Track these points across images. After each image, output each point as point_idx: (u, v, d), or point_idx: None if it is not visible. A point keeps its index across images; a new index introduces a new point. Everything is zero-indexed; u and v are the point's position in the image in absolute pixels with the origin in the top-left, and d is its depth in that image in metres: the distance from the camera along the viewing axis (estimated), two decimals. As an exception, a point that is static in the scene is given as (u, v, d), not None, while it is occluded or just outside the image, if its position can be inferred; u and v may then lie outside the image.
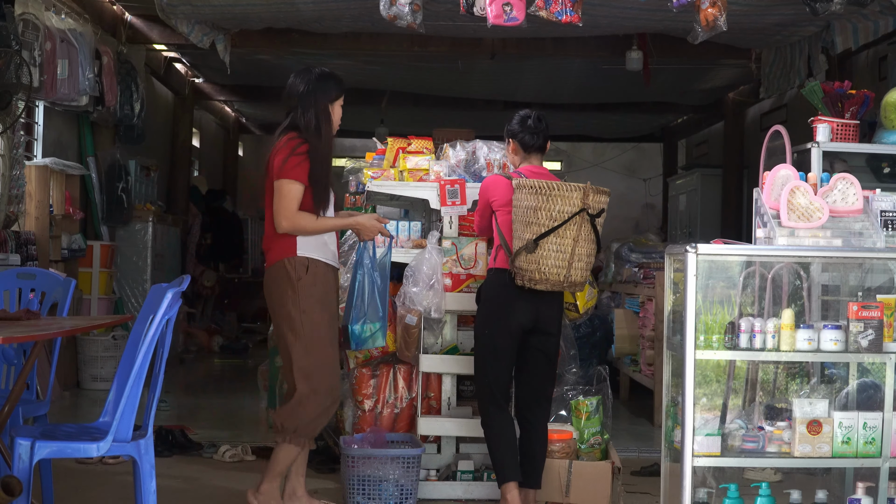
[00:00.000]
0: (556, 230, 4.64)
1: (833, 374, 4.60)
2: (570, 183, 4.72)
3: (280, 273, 4.73)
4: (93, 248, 9.02)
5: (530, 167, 5.04)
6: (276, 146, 4.72)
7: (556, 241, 4.66)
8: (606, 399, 5.64)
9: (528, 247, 4.66)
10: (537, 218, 4.65)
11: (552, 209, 4.63)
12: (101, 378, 8.70)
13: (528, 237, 4.67)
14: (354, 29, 8.79)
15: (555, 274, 4.69)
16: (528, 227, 4.68)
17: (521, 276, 4.73)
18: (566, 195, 4.63)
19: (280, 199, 4.65)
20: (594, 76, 11.16)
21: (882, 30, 7.50)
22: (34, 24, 7.18)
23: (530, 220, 4.67)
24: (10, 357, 4.63)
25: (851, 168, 5.37)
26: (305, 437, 4.75)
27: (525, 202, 4.69)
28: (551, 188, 4.63)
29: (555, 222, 4.64)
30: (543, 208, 4.64)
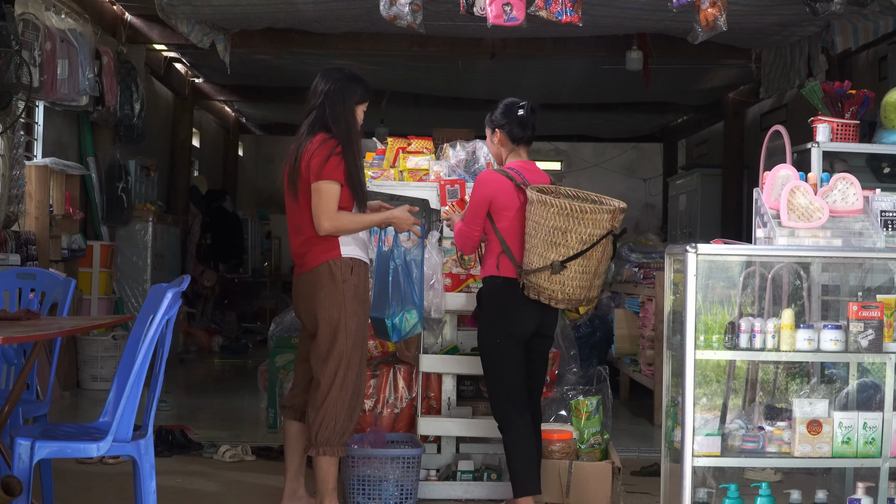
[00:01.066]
0: (583, 254, 4.51)
1: (833, 374, 4.60)
2: (600, 205, 4.57)
3: (324, 275, 4.63)
4: (93, 248, 9.02)
5: (522, 164, 4.84)
6: (309, 148, 4.62)
7: (582, 262, 4.53)
8: (606, 399, 5.64)
9: (554, 268, 4.51)
10: (566, 240, 4.49)
11: (582, 232, 4.48)
12: (101, 378, 8.70)
13: (553, 258, 4.50)
14: (354, 29, 8.79)
15: (577, 294, 4.59)
16: (553, 248, 4.51)
17: (540, 292, 4.59)
18: (597, 218, 4.48)
19: (321, 201, 4.58)
20: (594, 76, 11.16)
21: (882, 30, 7.50)
22: (34, 24, 7.18)
23: (557, 241, 4.49)
24: (10, 357, 4.63)
25: (851, 168, 5.37)
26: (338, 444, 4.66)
27: (552, 222, 4.50)
28: (583, 211, 4.47)
29: (584, 245, 4.50)
30: (573, 231, 4.48)
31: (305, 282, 4.69)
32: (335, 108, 4.67)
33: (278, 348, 7.36)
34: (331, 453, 4.65)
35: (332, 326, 4.62)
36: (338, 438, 4.65)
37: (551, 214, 4.49)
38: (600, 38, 9.11)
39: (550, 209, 4.50)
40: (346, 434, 4.68)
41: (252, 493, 5.48)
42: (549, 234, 4.51)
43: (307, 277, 4.67)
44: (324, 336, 4.63)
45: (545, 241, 4.52)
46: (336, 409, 4.63)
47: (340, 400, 4.64)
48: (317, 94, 4.72)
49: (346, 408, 4.65)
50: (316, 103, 4.71)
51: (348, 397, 4.64)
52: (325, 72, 4.80)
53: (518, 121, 4.84)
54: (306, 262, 4.68)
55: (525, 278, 4.62)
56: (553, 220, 4.49)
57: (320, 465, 4.65)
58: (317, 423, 4.64)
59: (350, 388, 4.64)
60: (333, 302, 4.62)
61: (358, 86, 4.77)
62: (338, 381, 4.63)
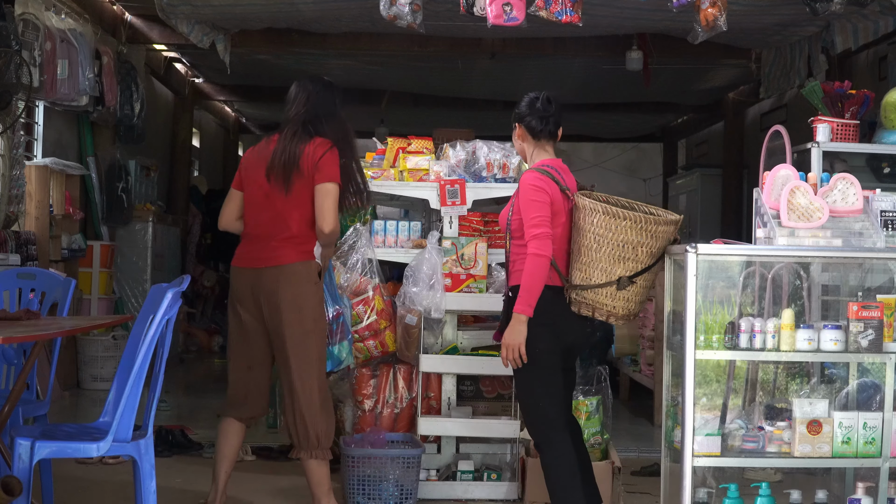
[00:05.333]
0: (650, 268, 4.27)
1: (833, 374, 4.60)
2: (666, 216, 4.28)
3: (301, 273, 4.69)
4: (93, 248, 9.02)
5: (555, 162, 4.51)
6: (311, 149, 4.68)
7: (648, 277, 4.29)
8: (606, 399, 5.64)
9: (621, 284, 4.22)
10: (636, 255, 4.21)
11: (654, 246, 4.22)
12: (101, 378, 8.70)
13: (620, 273, 4.21)
14: (354, 29, 8.79)
15: (637, 308, 4.32)
16: (621, 263, 4.21)
17: (595, 309, 4.27)
18: (667, 230, 4.23)
19: (332, 202, 4.65)
20: (594, 76, 11.16)
21: (882, 30, 7.50)
22: (34, 24, 7.18)
23: (627, 255, 4.21)
24: (10, 357, 4.63)
25: (851, 168, 5.38)
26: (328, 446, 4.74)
27: (622, 236, 4.20)
28: (657, 223, 4.20)
29: (653, 259, 4.25)
30: (646, 245, 4.21)
31: (271, 276, 4.66)
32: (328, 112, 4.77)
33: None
34: (323, 456, 4.70)
35: (309, 329, 4.68)
36: (327, 440, 4.71)
37: (623, 228, 4.19)
38: (600, 38, 9.10)
39: (623, 222, 4.19)
40: (332, 434, 4.74)
41: (252, 493, 5.48)
42: (617, 248, 4.21)
43: (274, 272, 4.66)
44: (300, 339, 4.67)
45: (611, 255, 4.21)
46: (323, 411, 4.71)
47: (325, 401, 4.73)
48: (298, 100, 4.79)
49: (329, 408, 4.76)
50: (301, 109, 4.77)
51: (329, 397, 4.78)
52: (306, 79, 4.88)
53: (537, 113, 4.52)
54: (278, 256, 4.68)
55: (577, 294, 4.28)
56: (624, 234, 4.19)
57: (315, 468, 4.69)
58: (305, 428, 4.68)
59: (326, 388, 4.77)
60: (311, 304, 4.69)
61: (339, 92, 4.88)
62: (321, 384, 4.72)
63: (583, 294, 4.27)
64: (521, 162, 5.69)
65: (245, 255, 4.79)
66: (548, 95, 4.55)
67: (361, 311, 5.41)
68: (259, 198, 4.75)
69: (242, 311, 4.77)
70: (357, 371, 5.57)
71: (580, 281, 4.28)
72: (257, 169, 4.78)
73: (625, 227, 4.20)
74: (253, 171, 4.80)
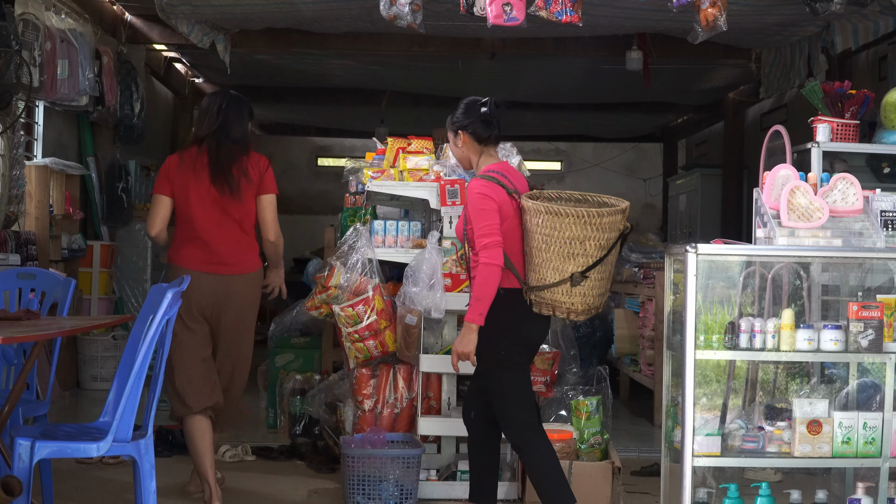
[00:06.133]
0: (603, 260, 4.27)
1: (833, 374, 4.60)
2: (612, 207, 4.32)
3: (258, 281, 5.18)
4: (93, 248, 9.01)
5: (501, 166, 4.53)
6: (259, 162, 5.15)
7: (601, 269, 4.29)
8: (606, 399, 5.64)
9: (574, 280, 4.23)
10: (585, 249, 4.23)
11: (601, 238, 4.23)
12: (101, 378, 8.70)
13: (572, 270, 4.23)
14: (354, 29, 8.78)
15: (598, 302, 4.35)
16: (571, 259, 4.23)
17: (555, 307, 4.31)
18: (613, 221, 4.24)
19: (274, 213, 5.17)
20: (594, 76, 11.16)
21: (882, 30, 7.50)
22: (34, 24, 7.18)
23: (575, 251, 4.22)
24: (10, 357, 4.63)
25: (851, 168, 5.38)
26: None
27: (568, 233, 4.21)
28: (602, 216, 4.21)
29: (604, 251, 4.26)
30: (592, 239, 4.22)
31: (245, 283, 5.06)
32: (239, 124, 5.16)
33: (278, 348, 7.37)
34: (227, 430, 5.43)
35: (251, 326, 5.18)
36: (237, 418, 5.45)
37: (566, 225, 4.22)
38: (600, 38, 9.10)
39: (565, 219, 4.22)
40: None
41: (252, 493, 5.48)
42: (564, 245, 4.23)
43: (247, 280, 5.08)
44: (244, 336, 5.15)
45: (560, 253, 4.24)
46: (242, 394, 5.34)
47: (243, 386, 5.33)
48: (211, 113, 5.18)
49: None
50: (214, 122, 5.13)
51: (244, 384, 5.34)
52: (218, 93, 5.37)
53: (482, 118, 4.49)
54: (245, 263, 5.09)
55: (535, 295, 4.32)
56: (570, 231, 4.21)
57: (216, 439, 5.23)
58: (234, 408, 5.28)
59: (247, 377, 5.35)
60: (257, 306, 5.20)
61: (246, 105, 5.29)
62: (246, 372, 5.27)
63: (540, 294, 4.31)
64: (521, 162, 5.69)
65: (208, 261, 5.01)
66: (495, 100, 4.54)
67: (361, 311, 5.41)
68: (207, 204, 5.02)
69: (196, 312, 5.01)
70: (357, 371, 5.57)
71: (536, 282, 4.32)
72: (194, 176, 5.03)
73: (569, 224, 4.21)
74: (188, 179, 5.03)
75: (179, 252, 5.06)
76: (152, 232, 5.08)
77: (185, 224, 5.06)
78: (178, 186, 5.03)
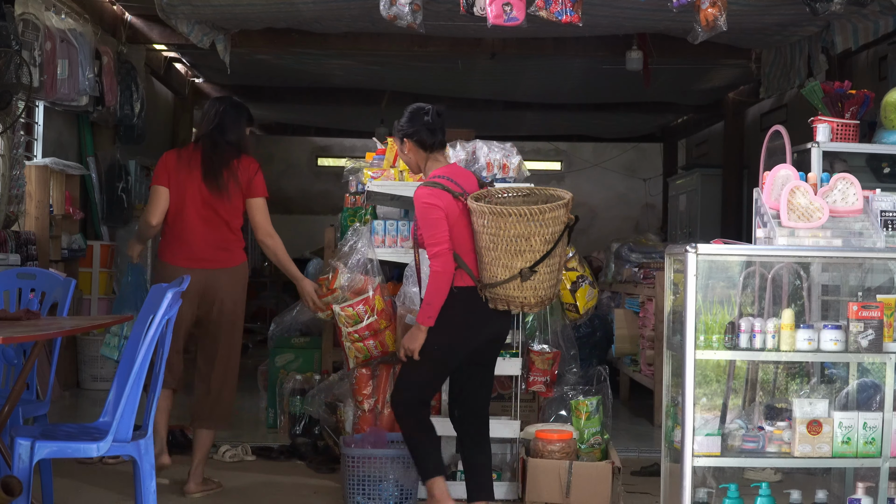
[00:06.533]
0: (550, 253, 4.40)
1: (833, 374, 4.60)
2: (555, 200, 4.44)
3: (243, 274, 5.40)
4: (93, 248, 9.01)
5: (447, 169, 4.66)
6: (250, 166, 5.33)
7: (549, 262, 4.43)
8: (606, 399, 5.65)
9: (524, 276, 4.38)
10: (530, 245, 4.36)
11: (545, 233, 4.36)
12: (101, 378, 8.69)
13: (521, 265, 4.38)
14: (354, 29, 8.78)
15: (548, 294, 4.49)
16: (518, 256, 4.37)
17: (510, 302, 4.46)
18: (556, 215, 4.37)
19: (267, 214, 5.40)
20: (594, 76, 11.16)
21: (882, 30, 7.50)
22: (34, 24, 7.18)
23: (521, 248, 4.36)
24: (10, 357, 4.63)
25: (851, 168, 5.37)
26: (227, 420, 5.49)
27: (512, 231, 4.34)
28: (542, 212, 4.34)
29: (549, 245, 4.39)
30: (536, 235, 4.35)
31: (230, 276, 5.28)
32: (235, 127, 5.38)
33: (278, 348, 7.37)
34: (217, 428, 5.42)
35: (238, 319, 5.39)
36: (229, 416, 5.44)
37: (510, 224, 4.34)
38: (600, 38, 9.10)
39: (508, 219, 4.34)
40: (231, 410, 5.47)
41: (252, 494, 5.48)
42: (511, 243, 4.36)
43: (232, 272, 5.30)
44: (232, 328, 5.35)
45: (508, 251, 4.37)
46: (233, 389, 5.41)
47: (234, 381, 5.42)
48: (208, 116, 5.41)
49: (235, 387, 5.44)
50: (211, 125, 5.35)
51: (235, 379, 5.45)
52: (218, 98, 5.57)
53: (426, 126, 4.67)
54: (228, 258, 5.33)
55: (489, 291, 4.47)
56: (513, 229, 4.34)
57: (205, 436, 5.35)
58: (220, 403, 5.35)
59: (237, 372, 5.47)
60: (243, 298, 5.41)
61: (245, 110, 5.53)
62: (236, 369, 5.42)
63: (494, 290, 4.46)
64: (521, 162, 5.69)
65: (193, 257, 5.26)
66: (437, 109, 4.71)
67: (361, 310, 5.41)
68: (198, 201, 5.27)
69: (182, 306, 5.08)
70: (357, 371, 5.57)
71: (488, 279, 4.47)
72: (188, 173, 5.27)
73: (512, 222, 4.34)
74: (183, 175, 5.28)
75: (167, 249, 5.34)
76: (153, 221, 5.32)
77: (175, 220, 5.31)
78: (174, 181, 5.30)
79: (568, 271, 5.76)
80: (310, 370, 7.08)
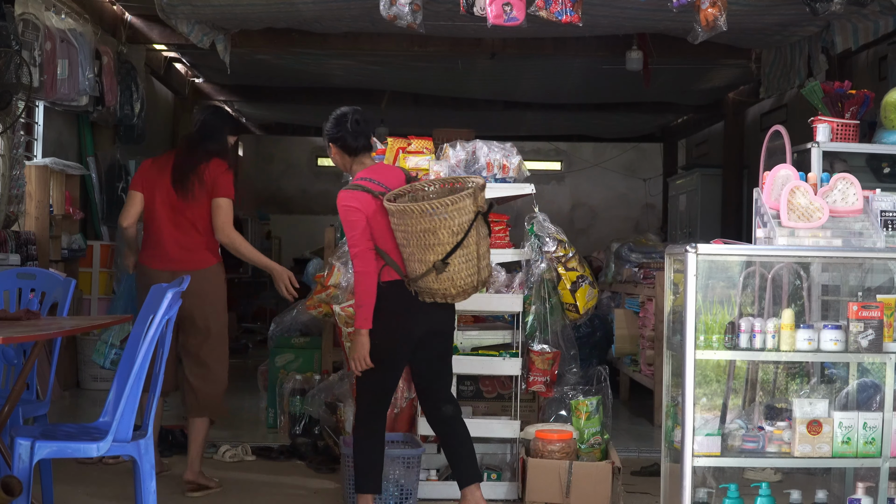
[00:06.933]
0: (461, 244, 4.47)
1: (833, 374, 4.60)
2: (460, 192, 4.48)
3: (213, 276, 5.44)
4: (93, 248, 9.01)
5: (371, 170, 4.78)
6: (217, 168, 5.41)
7: (462, 253, 4.48)
8: (606, 399, 5.64)
9: (437, 269, 4.47)
10: (438, 239, 4.44)
11: (451, 226, 4.43)
12: (101, 378, 8.69)
13: (433, 259, 4.46)
14: (354, 29, 8.78)
15: (469, 283, 4.56)
16: (430, 250, 4.46)
17: (433, 294, 4.56)
18: (461, 206, 4.43)
19: (228, 215, 5.41)
20: (594, 76, 11.16)
21: (882, 30, 7.49)
22: (34, 24, 7.18)
23: (430, 242, 4.45)
24: (10, 357, 4.63)
25: (851, 168, 5.37)
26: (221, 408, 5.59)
27: (418, 226, 4.44)
28: (444, 205, 4.40)
29: (458, 237, 4.45)
30: (442, 228, 4.43)
31: (198, 278, 5.24)
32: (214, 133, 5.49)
33: (278, 348, 7.37)
34: (214, 416, 5.53)
35: (222, 320, 5.49)
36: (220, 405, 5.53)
37: (414, 220, 4.44)
38: (600, 38, 9.10)
39: (412, 216, 4.44)
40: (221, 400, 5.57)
41: (252, 494, 5.48)
42: (419, 238, 4.46)
43: (199, 274, 5.29)
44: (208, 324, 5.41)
45: (419, 246, 4.48)
46: (222, 382, 5.51)
47: (224, 374, 5.53)
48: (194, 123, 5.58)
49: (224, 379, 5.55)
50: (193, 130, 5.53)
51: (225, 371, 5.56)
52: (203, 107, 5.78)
53: (348, 131, 4.79)
54: (196, 260, 5.40)
55: (414, 285, 4.58)
56: (419, 225, 4.44)
57: (200, 426, 5.44)
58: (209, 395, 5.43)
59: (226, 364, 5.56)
60: (222, 298, 5.50)
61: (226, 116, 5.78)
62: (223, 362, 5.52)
63: (416, 284, 4.56)
64: (521, 162, 5.69)
65: (162, 259, 5.42)
66: (356, 117, 4.81)
67: (361, 311, 5.40)
68: (168, 206, 5.42)
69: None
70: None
71: (410, 274, 4.59)
72: (160, 178, 5.45)
73: (416, 219, 4.44)
74: (156, 180, 5.46)
75: (144, 253, 5.53)
76: (124, 223, 5.52)
77: (149, 224, 5.51)
78: (148, 186, 5.49)
79: (568, 271, 5.76)
80: (310, 370, 7.08)
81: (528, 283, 5.57)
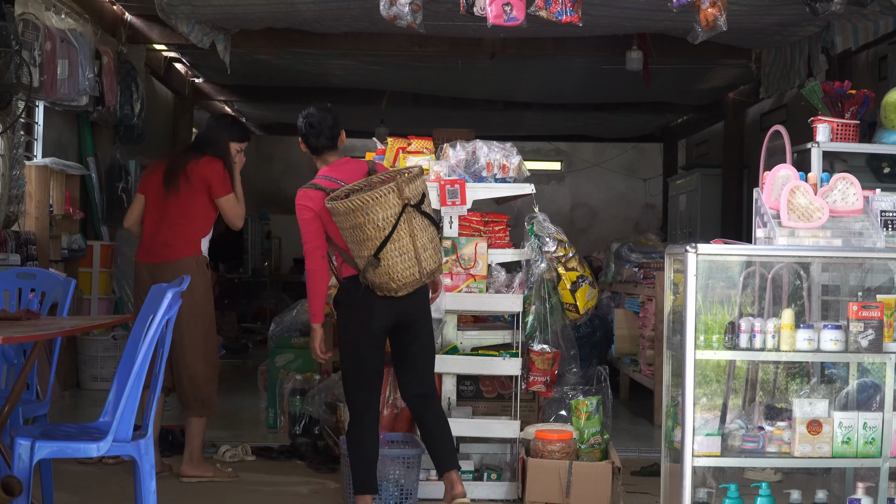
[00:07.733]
0: (390, 237, 4.51)
1: (833, 374, 4.60)
2: (380, 187, 4.50)
3: (193, 267, 5.49)
4: (93, 248, 9.01)
5: (332, 167, 4.86)
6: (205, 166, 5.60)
7: (394, 246, 4.52)
8: (606, 399, 5.64)
9: (371, 263, 4.54)
10: (366, 234, 4.50)
11: (376, 220, 4.48)
12: (101, 378, 8.70)
13: (367, 254, 4.54)
14: (354, 29, 8.78)
15: (409, 276, 4.57)
16: (362, 246, 4.54)
17: (380, 288, 4.61)
18: (382, 200, 4.46)
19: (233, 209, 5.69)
20: (594, 76, 11.16)
21: (882, 30, 7.50)
22: (34, 24, 7.18)
23: (360, 237, 4.52)
24: (10, 357, 4.63)
25: (851, 168, 5.38)
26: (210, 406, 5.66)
27: (347, 223, 4.53)
28: (365, 202, 4.45)
29: (384, 231, 4.49)
30: (367, 223, 4.48)
31: (169, 269, 5.41)
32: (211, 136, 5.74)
33: (278, 348, 7.37)
34: (203, 414, 5.62)
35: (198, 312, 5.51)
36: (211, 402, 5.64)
37: (342, 217, 4.54)
38: (600, 38, 9.10)
39: (339, 213, 4.54)
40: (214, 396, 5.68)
41: (252, 493, 5.48)
42: (351, 234, 4.55)
43: (171, 266, 5.46)
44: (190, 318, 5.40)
45: (354, 242, 4.57)
46: (208, 379, 5.60)
47: (211, 370, 5.63)
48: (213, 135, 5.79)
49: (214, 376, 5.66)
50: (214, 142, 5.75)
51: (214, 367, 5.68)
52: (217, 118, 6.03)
53: (303, 133, 4.91)
54: (173, 252, 5.54)
55: (363, 280, 4.65)
56: (347, 222, 4.53)
57: (195, 423, 5.57)
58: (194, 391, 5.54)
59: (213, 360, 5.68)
60: (200, 291, 5.51)
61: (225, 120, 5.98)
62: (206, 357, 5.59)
63: (364, 278, 4.64)
64: (521, 162, 5.69)
65: (145, 251, 5.65)
66: (309, 120, 4.89)
67: (361, 310, 5.41)
68: (157, 203, 5.63)
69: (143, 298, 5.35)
70: (357, 371, 5.56)
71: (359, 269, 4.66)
72: (156, 178, 5.67)
73: (342, 217, 4.53)
74: (153, 179, 5.69)
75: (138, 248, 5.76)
76: (125, 224, 5.84)
77: (144, 220, 5.73)
78: (147, 187, 5.73)
79: (568, 271, 5.76)
80: (310, 370, 7.08)
81: (528, 283, 5.58)
